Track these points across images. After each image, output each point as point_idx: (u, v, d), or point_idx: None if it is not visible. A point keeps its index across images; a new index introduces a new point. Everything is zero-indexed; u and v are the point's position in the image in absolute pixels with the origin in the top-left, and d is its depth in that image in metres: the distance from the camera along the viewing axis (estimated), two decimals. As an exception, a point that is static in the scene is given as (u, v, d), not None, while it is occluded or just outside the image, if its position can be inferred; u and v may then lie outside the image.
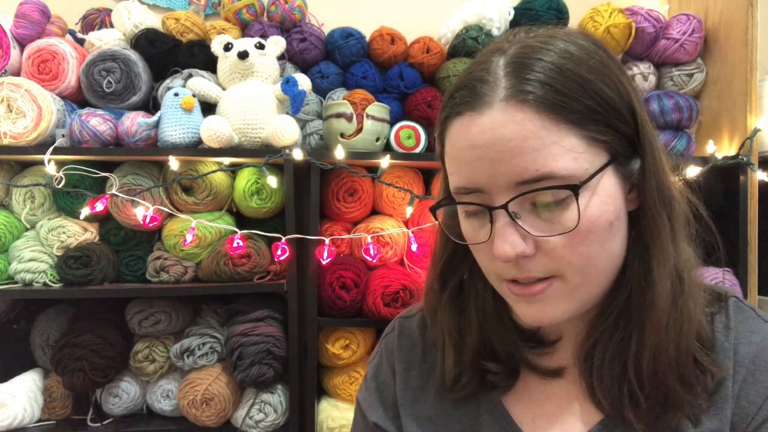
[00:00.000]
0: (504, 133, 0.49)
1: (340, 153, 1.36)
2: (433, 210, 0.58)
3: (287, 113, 1.45)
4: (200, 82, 1.42)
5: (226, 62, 1.43)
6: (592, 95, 0.50)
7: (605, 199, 0.51)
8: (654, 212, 0.53)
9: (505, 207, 0.50)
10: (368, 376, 0.72)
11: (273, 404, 1.38)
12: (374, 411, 0.68)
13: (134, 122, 1.37)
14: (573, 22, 1.61)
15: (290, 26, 1.62)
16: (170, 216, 1.41)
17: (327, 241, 1.38)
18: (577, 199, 0.49)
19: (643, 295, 0.54)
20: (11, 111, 1.34)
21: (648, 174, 0.53)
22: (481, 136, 0.50)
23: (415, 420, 0.64)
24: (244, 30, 1.60)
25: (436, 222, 0.61)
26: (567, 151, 0.49)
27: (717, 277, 1.39)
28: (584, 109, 0.49)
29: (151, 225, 1.35)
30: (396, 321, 0.73)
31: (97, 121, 1.37)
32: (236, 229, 1.39)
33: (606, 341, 0.56)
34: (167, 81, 1.47)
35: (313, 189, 1.38)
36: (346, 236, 1.45)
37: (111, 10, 1.56)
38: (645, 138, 0.53)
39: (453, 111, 0.53)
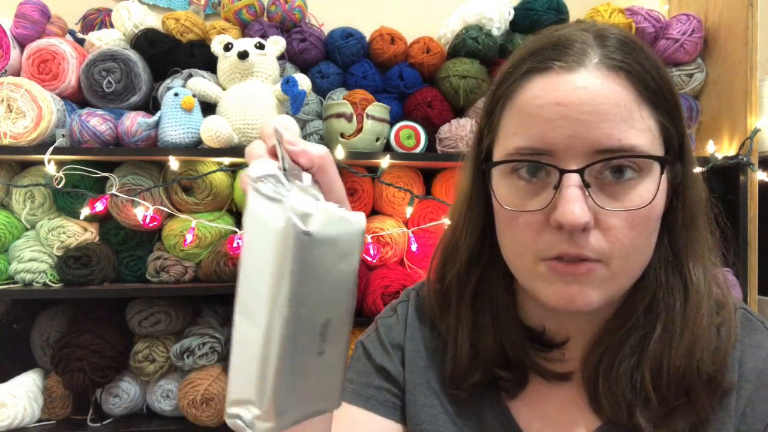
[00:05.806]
0: (597, 95, 0.47)
1: (340, 153, 1.36)
2: (488, 168, 0.53)
3: (287, 113, 1.45)
4: (200, 82, 1.42)
5: (226, 62, 1.43)
6: (668, 85, 0.50)
7: (663, 190, 0.50)
8: (696, 217, 0.54)
9: (581, 171, 0.47)
10: (380, 330, 0.67)
11: (273, 404, 1.38)
12: (384, 356, 0.65)
13: (134, 122, 1.37)
14: (573, 22, 1.61)
15: (290, 26, 1.62)
16: (170, 216, 1.41)
17: (327, 241, 1.38)
18: (662, 172, 0.49)
19: (675, 298, 0.53)
20: (11, 111, 1.33)
21: (692, 178, 0.53)
22: (572, 94, 0.47)
23: (424, 389, 0.62)
24: (244, 30, 1.60)
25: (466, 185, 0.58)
26: (648, 130, 0.48)
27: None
28: (662, 95, 0.49)
29: (151, 225, 1.35)
30: (410, 292, 0.69)
31: (97, 121, 1.37)
32: (236, 229, 1.39)
33: (618, 344, 0.54)
34: (167, 81, 1.47)
35: (313, 189, 1.38)
36: (346, 236, 1.45)
37: (111, 10, 1.56)
38: (688, 143, 0.54)
39: (536, 66, 0.50)
